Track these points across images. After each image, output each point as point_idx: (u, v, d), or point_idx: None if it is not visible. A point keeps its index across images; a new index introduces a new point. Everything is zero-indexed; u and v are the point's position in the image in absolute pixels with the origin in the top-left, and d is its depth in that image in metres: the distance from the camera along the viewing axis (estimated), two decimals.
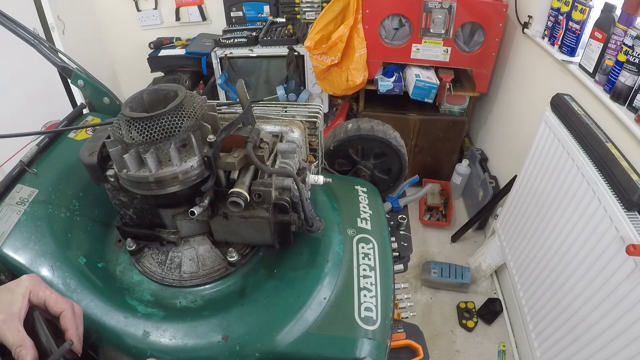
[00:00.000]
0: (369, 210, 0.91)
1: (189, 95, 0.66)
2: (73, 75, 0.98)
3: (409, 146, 2.32)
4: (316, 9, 2.36)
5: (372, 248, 0.82)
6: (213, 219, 0.71)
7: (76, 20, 2.45)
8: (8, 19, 0.88)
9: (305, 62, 2.25)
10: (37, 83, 2.06)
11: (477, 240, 2.24)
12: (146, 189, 0.64)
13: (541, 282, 1.39)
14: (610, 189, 1.08)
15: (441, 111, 2.22)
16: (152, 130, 0.60)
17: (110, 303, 0.68)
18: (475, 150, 2.34)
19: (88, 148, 0.68)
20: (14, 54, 1.59)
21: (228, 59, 2.31)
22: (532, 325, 1.44)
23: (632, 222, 0.99)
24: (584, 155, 1.20)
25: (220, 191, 0.68)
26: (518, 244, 1.61)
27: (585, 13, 1.40)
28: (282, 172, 0.69)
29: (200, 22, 2.67)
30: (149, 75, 2.56)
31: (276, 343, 0.64)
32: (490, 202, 2.00)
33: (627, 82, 1.14)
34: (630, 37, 1.12)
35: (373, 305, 0.71)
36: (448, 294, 1.97)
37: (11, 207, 0.73)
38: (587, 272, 1.14)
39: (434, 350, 1.74)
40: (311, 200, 0.85)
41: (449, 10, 1.84)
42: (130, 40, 2.75)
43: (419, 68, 2.06)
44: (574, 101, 1.37)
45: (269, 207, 0.68)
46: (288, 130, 0.82)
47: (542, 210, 1.42)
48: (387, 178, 1.26)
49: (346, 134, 1.17)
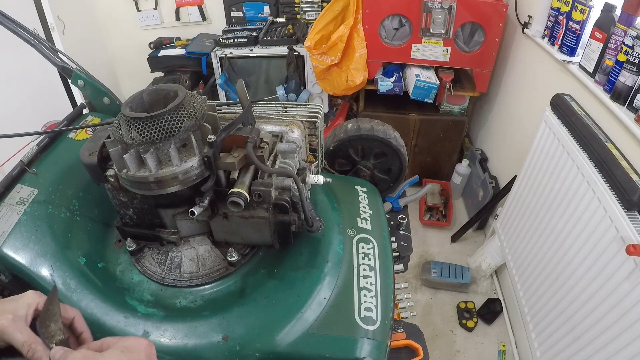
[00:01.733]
0: (369, 210, 0.91)
1: (189, 95, 0.66)
2: (73, 75, 0.98)
3: (409, 146, 2.32)
4: (316, 9, 2.36)
5: (372, 248, 0.82)
6: (213, 219, 0.71)
7: (76, 20, 2.45)
8: (8, 19, 0.88)
9: (305, 62, 2.25)
10: (37, 83, 2.06)
11: (477, 240, 2.24)
12: (146, 189, 0.64)
13: (541, 282, 1.39)
14: (610, 189, 1.08)
15: (441, 111, 2.22)
16: (152, 130, 0.60)
17: (110, 303, 0.68)
18: (475, 150, 2.34)
19: (88, 148, 0.69)
20: (14, 54, 1.59)
21: (228, 59, 2.31)
22: (532, 325, 1.44)
23: (632, 222, 0.99)
24: (584, 155, 1.20)
25: (220, 191, 0.68)
26: (518, 244, 1.61)
27: (585, 13, 1.40)
28: (282, 172, 0.69)
29: (200, 22, 2.67)
30: (149, 75, 2.56)
31: (276, 343, 0.64)
32: (490, 202, 2.00)
33: (627, 82, 1.14)
34: (630, 37, 1.12)
35: (373, 305, 0.71)
36: (448, 294, 1.97)
37: (11, 207, 0.73)
38: (587, 272, 1.14)
39: (434, 350, 1.73)
40: (311, 200, 0.85)
41: (449, 10, 1.84)
42: (130, 40, 2.75)
43: (419, 68, 2.06)
44: (574, 101, 1.37)
45: (269, 207, 0.68)
46: (288, 130, 0.82)
47: (542, 210, 1.42)
48: (387, 178, 1.26)
49: (346, 134, 1.17)
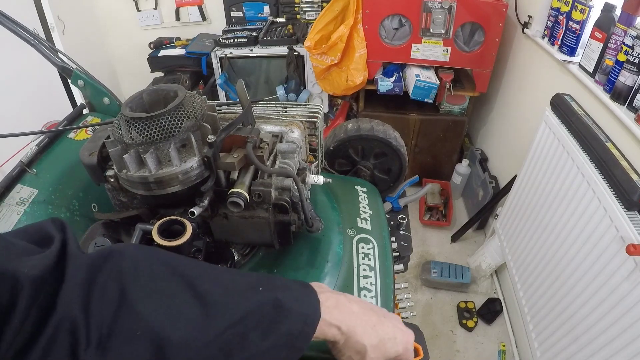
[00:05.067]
0: (369, 210, 0.91)
1: (189, 95, 0.66)
2: (73, 75, 0.98)
3: (409, 146, 2.32)
4: (316, 9, 2.36)
5: (372, 248, 0.82)
6: (213, 219, 0.71)
7: (76, 20, 2.45)
8: (8, 19, 0.88)
9: (305, 62, 2.25)
10: (37, 83, 2.07)
11: (477, 240, 2.24)
12: (146, 189, 0.64)
13: (541, 282, 1.39)
14: (610, 189, 1.08)
15: (441, 111, 2.22)
16: (152, 131, 0.60)
17: None
18: (475, 150, 2.34)
19: (88, 148, 0.69)
20: (14, 54, 1.59)
21: (228, 59, 2.31)
22: (532, 325, 1.44)
23: (632, 222, 0.99)
24: (584, 155, 1.20)
25: (220, 191, 0.68)
26: (518, 244, 1.61)
27: (585, 13, 1.40)
28: (282, 172, 0.69)
29: (200, 22, 2.67)
30: (149, 75, 2.56)
31: None
32: (490, 202, 2.00)
33: (627, 82, 1.14)
34: (630, 37, 1.12)
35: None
36: (448, 293, 1.97)
37: (11, 207, 0.73)
38: (587, 272, 1.14)
39: (434, 350, 1.73)
40: (311, 200, 0.85)
41: (449, 10, 1.84)
42: (130, 40, 2.75)
43: (419, 68, 2.06)
44: (574, 101, 1.37)
45: (269, 207, 0.68)
46: (288, 130, 0.82)
47: (542, 210, 1.42)
48: (387, 178, 1.26)
49: (346, 134, 1.17)
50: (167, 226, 0.60)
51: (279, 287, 0.45)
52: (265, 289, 0.44)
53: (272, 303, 0.42)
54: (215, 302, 0.40)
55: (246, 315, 0.40)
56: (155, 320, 0.36)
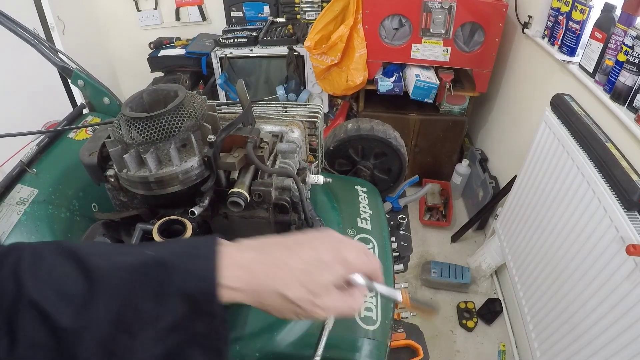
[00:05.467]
0: (369, 210, 0.91)
1: (189, 95, 0.66)
2: (73, 75, 0.98)
3: (409, 146, 2.32)
4: (316, 9, 2.36)
5: (372, 248, 0.82)
6: (213, 218, 0.71)
7: (76, 21, 2.45)
8: (8, 19, 0.88)
9: (305, 62, 2.25)
10: (37, 83, 2.06)
11: (477, 240, 2.24)
12: (146, 189, 0.64)
13: (541, 282, 1.39)
14: (610, 189, 1.08)
15: (441, 111, 2.22)
16: (152, 130, 0.60)
17: None
18: (475, 150, 2.34)
19: (88, 148, 0.69)
20: (14, 54, 1.59)
21: (228, 59, 2.31)
22: (532, 325, 1.44)
23: (632, 222, 0.99)
24: (584, 155, 1.20)
25: (221, 191, 0.68)
26: (518, 244, 1.61)
27: (585, 13, 1.40)
28: (282, 172, 0.69)
29: (200, 22, 2.67)
30: (149, 75, 2.56)
31: (276, 343, 0.64)
32: (490, 202, 2.00)
33: (627, 82, 1.14)
34: (630, 37, 1.12)
35: (373, 305, 0.71)
36: (448, 294, 1.97)
37: (11, 207, 0.73)
38: (587, 272, 1.14)
39: (434, 350, 1.73)
40: (311, 200, 0.85)
41: (449, 10, 1.84)
42: (130, 40, 2.75)
43: (419, 68, 2.06)
44: (574, 101, 1.37)
45: (269, 207, 0.68)
46: (288, 130, 0.82)
47: (542, 210, 1.42)
48: (387, 178, 1.26)
49: (346, 134, 1.17)
50: (167, 226, 0.60)
51: (163, 246, 0.41)
52: (151, 250, 0.40)
53: (154, 262, 0.38)
54: (101, 277, 0.36)
55: (130, 280, 0.36)
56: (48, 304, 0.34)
